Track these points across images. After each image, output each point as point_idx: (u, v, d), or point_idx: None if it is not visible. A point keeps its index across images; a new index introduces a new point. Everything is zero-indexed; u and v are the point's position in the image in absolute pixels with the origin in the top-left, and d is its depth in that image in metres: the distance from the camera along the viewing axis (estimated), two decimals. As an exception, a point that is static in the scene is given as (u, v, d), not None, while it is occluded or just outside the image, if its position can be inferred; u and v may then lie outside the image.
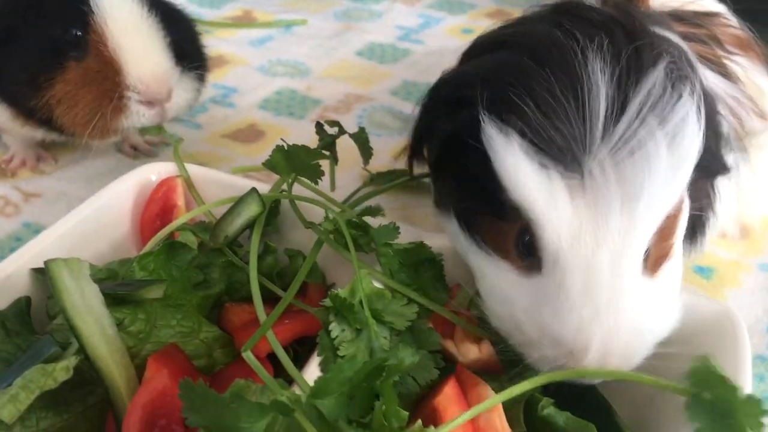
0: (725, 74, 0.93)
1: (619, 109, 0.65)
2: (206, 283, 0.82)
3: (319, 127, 1.00)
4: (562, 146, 0.65)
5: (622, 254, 0.64)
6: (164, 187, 0.95)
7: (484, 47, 0.84)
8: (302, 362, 0.73)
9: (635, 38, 0.70)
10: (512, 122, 0.66)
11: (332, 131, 1.01)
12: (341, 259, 0.80)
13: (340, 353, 0.72)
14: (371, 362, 0.60)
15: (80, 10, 1.01)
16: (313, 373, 0.71)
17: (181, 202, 0.95)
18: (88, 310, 0.71)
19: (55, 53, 1.01)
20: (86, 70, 1.01)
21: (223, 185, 0.96)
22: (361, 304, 0.74)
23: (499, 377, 0.73)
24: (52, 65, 1.01)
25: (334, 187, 1.02)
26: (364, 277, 0.76)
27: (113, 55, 1.01)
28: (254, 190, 0.85)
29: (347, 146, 1.02)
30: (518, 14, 0.98)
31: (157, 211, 0.94)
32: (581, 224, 0.64)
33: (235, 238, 0.85)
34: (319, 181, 0.87)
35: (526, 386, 0.64)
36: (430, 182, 0.93)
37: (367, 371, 0.60)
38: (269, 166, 0.87)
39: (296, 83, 1.57)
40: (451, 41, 1.78)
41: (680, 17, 0.97)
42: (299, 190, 0.90)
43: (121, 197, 0.94)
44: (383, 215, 0.82)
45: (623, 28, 0.71)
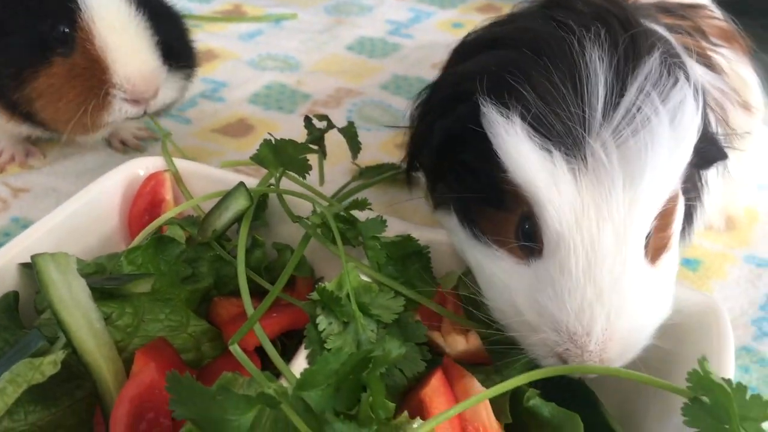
0: (710, 66, 0.94)
1: (618, 93, 0.66)
2: (194, 277, 0.82)
3: (307, 121, 1.01)
4: (562, 130, 0.65)
5: (625, 233, 0.64)
6: (152, 181, 0.96)
7: (476, 46, 0.84)
8: (290, 355, 0.74)
9: (630, 28, 0.71)
10: (513, 106, 0.67)
11: (321, 125, 1.01)
12: (329, 253, 0.81)
13: (327, 346, 0.72)
14: (357, 354, 0.61)
15: (68, 7, 1.00)
16: (300, 365, 0.71)
17: (169, 196, 0.95)
18: (75, 304, 0.71)
19: (41, 49, 1.01)
20: (72, 66, 1.01)
21: (211, 179, 0.96)
22: (348, 297, 0.74)
23: (486, 368, 0.74)
24: (37, 60, 1.01)
25: (322, 181, 1.02)
26: (351, 270, 0.76)
27: (100, 53, 1.00)
28: (242, 184, 0.85)
29: (337, 140, 1.03)
30: (508, 9, 0.98)
31: (145, 205, 0.94)
32: (584, 204, 0.64)
33: (223, 232, 0.85)
34: (307, 175, 0.87)
35: (516, 382, 0.64)
36: (420, 176, 0.94)
37: (353, 363, 0.61)
38: (257, 160, 0.87)
39: (286, 77, 1.57)
40: (441, 35, 1.78)
41: (666, 9, 0.97)
42: (288, 184, 0.90)
43: (109, 192, 0.94)
44: (371, 208, 0.83)
45: (617, 18, 0.72)
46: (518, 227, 0.70)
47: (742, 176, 0.99)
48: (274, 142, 0.86)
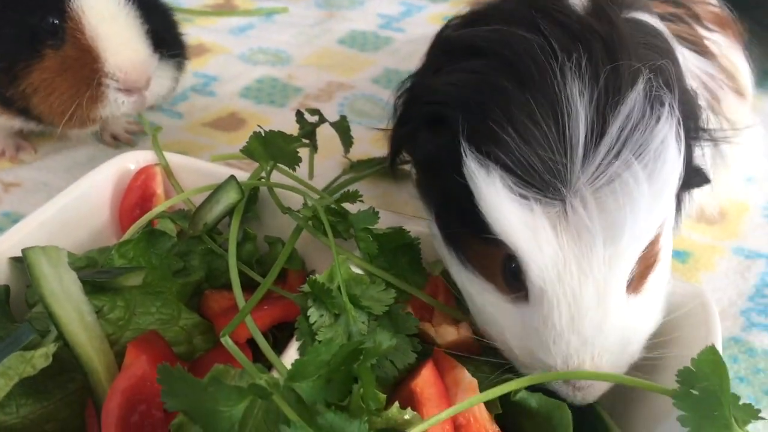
0: (703, 53, 0.94)
1: (598, 134, 0.65)
2: (186, 270, 0.83)
3: (299, 115, 1.01)
4: (543, 177, 0.65)
5: (607, 285, 0.65)
6: (143, 175, 0.96)
7: (457, 51, 0.80)
8: (281, 348, 0.74)
9: (613, 53, 0.69)
10: (493, 155, 0.66)
11: (313, 119, 1.01)
12: (321, 245, 0.81)
13: (318, 338, 0.72)
14: (348, 345, 0.61)
15: None
16: (291, 357, 0.71)
17: (160, 190, 0.95)
18: (66, 297, 0.71)
19: (32, 41, 1.01)
20: (64, 58, 1.01)
21: (202, 173, 0.96)
22: (339, 289, 0.75)
23: (476, 359, 0.74)
24: (29, 53, 1.01)
25: (312, 174, 1.02)
26: (342, 262, 0.76)
27: (91, 43, 1.00)
28: (233, 177, 0.86)
29: (328, 134, 1.03)
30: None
31: (136, 199, 0.94)
32: (565, 259, 0.65)
33: (214, 225, 0.85)
34: (298, 168, 0.88)
35: (508, 387, 0.65)
36: (410, 169, 0.94)
37: (344, 354, 0.61)
38: (246, 153, 0.87)
39: (277, 71, 1.57)
40: (432, 29, 1.74)
41: (661, -4, 0.97)
42: (279, 177, 0.90)
43: (100, 186, 0.94)
44: (362, 200, 0.83)
45: (602, 39, 0.70)
46: (505, 266, 0.70)
47: (730, 167, 1.00)
48: (263, 134, 0.86)
